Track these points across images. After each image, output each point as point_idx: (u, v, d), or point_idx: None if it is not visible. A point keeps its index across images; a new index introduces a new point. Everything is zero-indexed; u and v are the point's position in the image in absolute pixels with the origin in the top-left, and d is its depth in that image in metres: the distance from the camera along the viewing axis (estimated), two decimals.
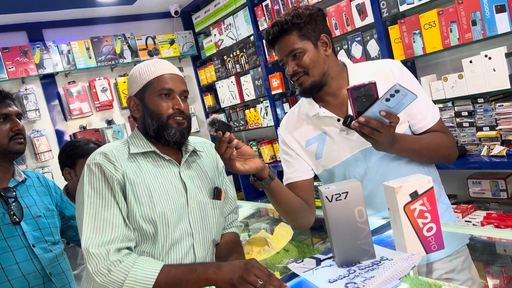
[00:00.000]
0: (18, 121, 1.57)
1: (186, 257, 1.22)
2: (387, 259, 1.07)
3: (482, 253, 1.42)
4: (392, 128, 1.15)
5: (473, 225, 2.28)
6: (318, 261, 1.16)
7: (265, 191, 1.31)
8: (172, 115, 1.22)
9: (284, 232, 1.61)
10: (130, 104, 1.26)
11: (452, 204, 2.48)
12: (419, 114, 1.35)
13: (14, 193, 1.54)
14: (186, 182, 1.25)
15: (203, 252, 1.25)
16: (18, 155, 1.58)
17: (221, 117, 1.25)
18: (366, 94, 1.12)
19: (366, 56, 2.77)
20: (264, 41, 1.37)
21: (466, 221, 2.33)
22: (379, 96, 1.11)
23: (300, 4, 3.11)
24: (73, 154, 1.91)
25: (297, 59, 1.32)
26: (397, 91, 1.08)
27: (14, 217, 1.50)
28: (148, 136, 1.26)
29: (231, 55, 4.01)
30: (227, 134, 1.16)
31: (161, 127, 1.21)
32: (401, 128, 1.32)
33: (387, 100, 1.09)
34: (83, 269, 1.93)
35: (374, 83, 1.12)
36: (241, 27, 3.76)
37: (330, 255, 1.17)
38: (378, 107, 1.11)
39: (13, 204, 1.52)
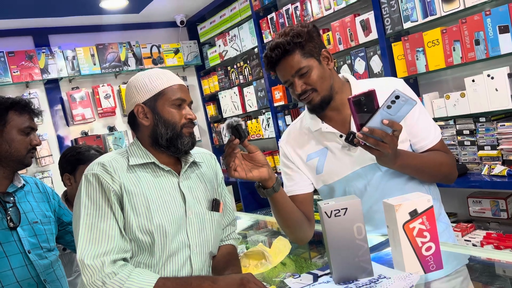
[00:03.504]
0: (37, 136, 1.63)
1: (182, 269, 1.21)
2: (385, 277, 1.06)
3: (482, 273, 1.41)
4: (396, 138, 1.15)
5: (473, 244, 2.26)
6: (316, 277, 1.15)
7: (267, 200, 1.30)
8: (185, 124, 1.23)
9: (282, 246, 1.60)
10: (139, 111, 1.23)
11: (452, 222, 2.46)
12: (420, 133, 1.35)
13: (12, 198, 1.54)
14: (185, 193, 1.24)
15: (200, 264, 1.24)
16: (26, 167, 1.62)
17: (241, 123, 1.23)
18: (366, 103, 1.12)
19: (369, 72, 2.78)
20: (264, 64, 1.34)
21: (465, 240, 2.31)
22: (380, 105, 1.11)
23: (305, 19, 3.14)
24: (74, 160, 1.91)
25: (304, 77, 1.31)
26: (397, 97, 1.09)
27: (11, 222, 1.50)
28: (148, 146, 1.26)
29: (235, 66, 4.04)
30: (236, 141, 1.16)
31: (175, 136, 1.21)
32: (403, 147, 1.31)
33: (389, 107, 1.10)
34: (78, 276, 1.92)
35: (374, 91, 1.12)
36: (245, 39, 3.79)
37: (328, 271, 1.16)
38: (380, 115, 1.11)
39: (11, 209, 1.52)
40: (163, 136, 1.22)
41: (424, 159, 1.33)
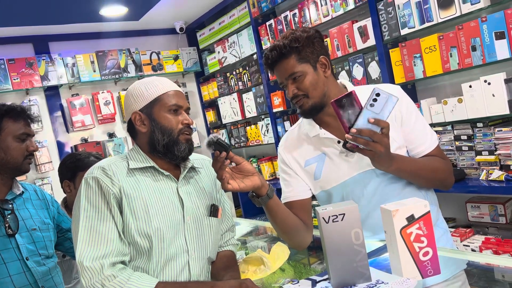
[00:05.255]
0: (34, 142, 1.62)
1: (181, 274, 1.21)
2: (382, 282, 1.07)
3: (480, 278, 1.41)
4: (385, 135, 1.15)
5: (472, 249, 2.27)
6: (314, 283, 1.15)
7: (263, 208, 1.31)
8: (182, 130, 1.24)
9: (280, 252, 1.60)
10: (136, 118, 1.25)
11: (450, 227, 2.48)
12: (417, 139, 1.36)
13: (11, 206, 1.55)
14: (183, 198, 1.25)
15: (198, 270, 1.25)
16: (24, 174, 1.62)
17: (219, 135, 1.25)
18: (349, 104, 1.14)
19: (367, 78, 2.80)
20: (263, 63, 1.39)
21: (464, 245, 2.32)
22: (362, 105, 1.13)
23: (303, 25, 3.17)
24: (74, 166, 1.92)
25: (297, 82, 1.33)
26: (377, 95, 1.11)
27: (9, 229, 1.50)
28: (147, 152, 1.27)
29: (234, 73, 4.06)
30: (223, 154, 1.17)
31: (171, 142, 1.23)
32: (400, 153, 1.32)
33: (371, 105, 1.12)
34: (78, 282, 1.92)
35: (353, 92, 1.14)
36: (244, 46, 3.82)
37: (326, 276, 1.17)
38: (365, 115, 1.12)
39: (9, 216, 1.52)
40: (160, 142, 1.23)
41: (420, 164, 1.34)
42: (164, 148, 1.23)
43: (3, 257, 1.48)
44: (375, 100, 1.11)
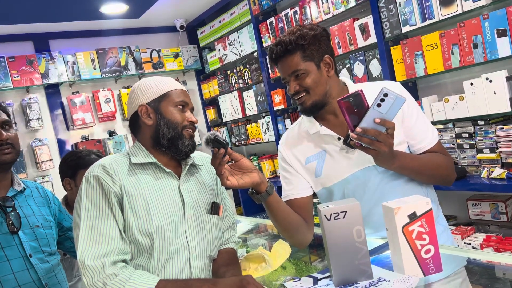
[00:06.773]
0: (2, 131, 1.51)
1: (182, 272, 1.21)
2: (384, 280, 1.07)
3: (481, 276, 1.41)
4: (390, 136, 1.15)
5: (473, 247, 2.27)
6: (315, 280, 1.15)
7: (263, 205, 1.31)
8: (186, 126, 1.26)
9: (282, 250, 1.60)
10: (142, 111, 1.26)
11: (451, 225, 2.48)
12: (418, 135, 1.36)
13: (12, 203, 1.54)
14: (184, 196, 1.25)
15: (199, 267, 1.25)
16: (7, 165, 1.54)
17: (217, 132, 1.25)
18: (356, 103, 1.13)
19: (368, 75, 2.79)
20: (267, 57, 1.40)
21: (465, 243, 2.32)
22: (369, 104, 1.12)
23: (304, 23, 3.16)
24: (75, 164, 1.92)
25: (299, 79, 1.34)
26: (385, 95, 1.10)
27: (12, 226, 1.50)
28: (149, 148, 1.27)
29: (235, 70, 4.05)
30: (221, 150, 1.18)
31: (176, 136, 1.24)
32: (400, 149, 1.32)
33: (378, 105, 1.11)
34: (79, 280, 1.92)
35: (361, 91, 1.14)
36: (245, 43, 3.81)
37: (328, 274, 1.17)
38: (371, 115, 1.12)
39: (12, 213, 1.52)
40: (164, 136, 1.24)
41: (422, 161, 1.34)
42: (169, 141, 1.24)
43: (6, 254, 1.48)
44: (382, 100, 1.10)
